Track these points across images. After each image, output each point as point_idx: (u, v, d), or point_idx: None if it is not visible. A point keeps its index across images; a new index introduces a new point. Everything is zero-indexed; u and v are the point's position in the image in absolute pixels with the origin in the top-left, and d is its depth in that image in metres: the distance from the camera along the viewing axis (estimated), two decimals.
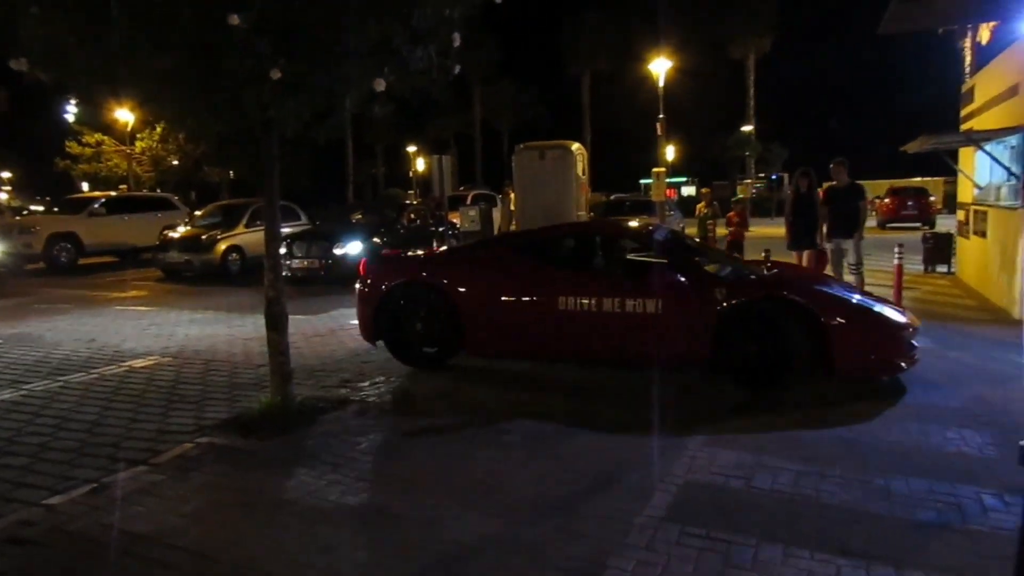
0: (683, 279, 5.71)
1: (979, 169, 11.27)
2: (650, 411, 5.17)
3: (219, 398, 5.69)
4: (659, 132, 18.69)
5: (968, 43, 31.96)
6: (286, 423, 4.87)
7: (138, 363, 6.94)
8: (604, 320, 5.76)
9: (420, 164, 45.70)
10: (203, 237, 14.55)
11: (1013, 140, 9.19)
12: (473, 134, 49.93)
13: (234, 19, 3.74)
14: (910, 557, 3.14)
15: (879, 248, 15.76)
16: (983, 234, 10.57)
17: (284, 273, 11.43)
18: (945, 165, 12.14)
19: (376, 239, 12.51)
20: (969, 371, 6.18)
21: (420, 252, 7.94)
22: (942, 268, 13.04)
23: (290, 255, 12.31)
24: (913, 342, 5.59)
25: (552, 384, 5.99)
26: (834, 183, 9.24)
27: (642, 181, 53.57)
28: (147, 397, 5.73)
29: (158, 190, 27.81)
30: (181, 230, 15.52)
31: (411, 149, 43.78)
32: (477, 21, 5.22)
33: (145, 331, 8.70)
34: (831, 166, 9.24)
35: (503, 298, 6.09)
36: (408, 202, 19.13)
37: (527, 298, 6.04)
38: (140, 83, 4.46)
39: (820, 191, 9.60)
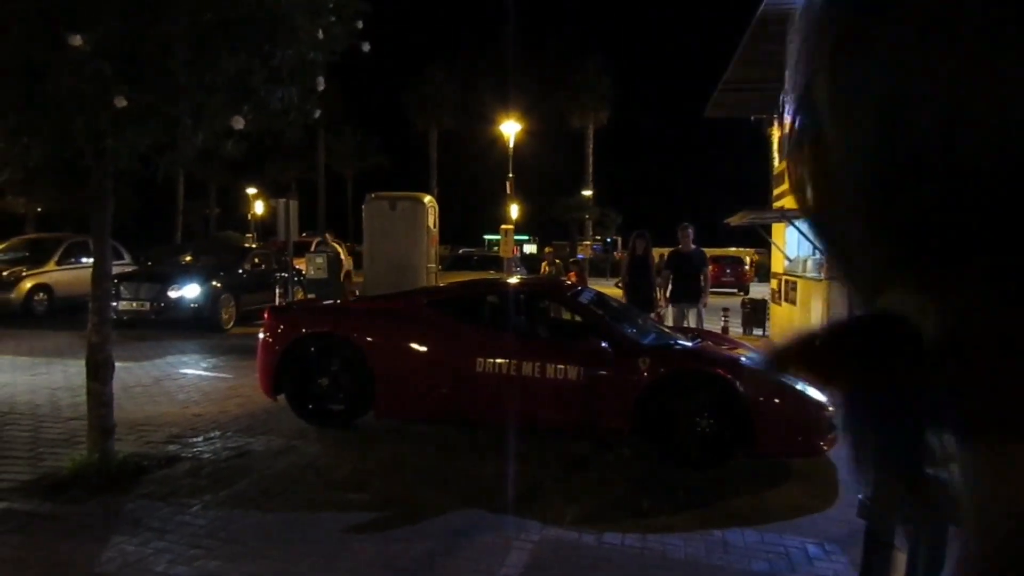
0: (606, 345, 5.45)
1: (789, 243, 12.62)
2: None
3: (19, 456, 4.99)
4: (508, 191, 19.25)
5: (775, 131, 36.27)
6: (104, 484, 4.35)
7: None
8: (523, 385, 5.50)
9: (259, 207, 43.88)
10: (4, 273, 12.95)
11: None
12: (316, 179, 48.81)
13: (76, 40, 3.42)
14: None
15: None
16: (793, 301, 11.77)
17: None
18: (757, 237, 13.44)
19: (216, 282, 11.75)
20: None
21: (329, 302, 7.52)
22: (758, 331, 14.30)
23: (117, 296, 11.24)
24: (833, 422, 5.23)
25: (415, 440, 5.82)
26: (679, 248, 9.55)
27: (486, 236, 54.81)
28: None
29: None
30: None
31: (251, 191, 41.95)
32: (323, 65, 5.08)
33: None
34: (678, 231, 9.52)
35: (416, 356, 5.77)
36: (249, 245, 18.21)
37: (441, 357, 5.73)
38: None
39: (655, 255, 10.03)
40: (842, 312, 9.06)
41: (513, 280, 8.98)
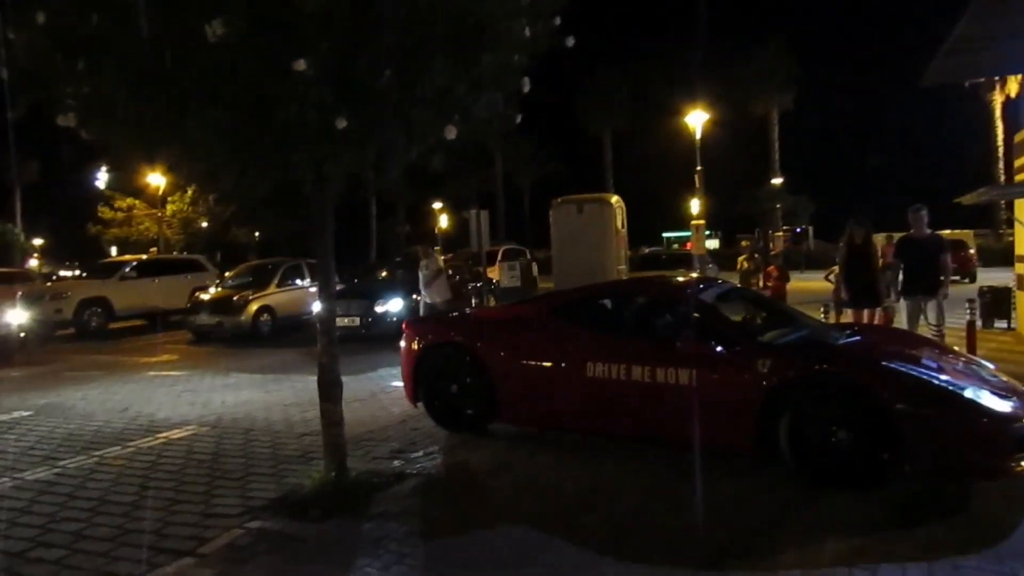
0: (716, 346, 4.99)
1: None
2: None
3: (264, 473, 5.27)
4: (696, 184, 18.44)
5: (998, 95, 31.85)
6: (340, 503, 4.43)
7: (175, 434, 6.55)
8: (631, 393, 5.20)
9: (444, 221, 45.95)
10: (234, 298, 14.34)
11: None
12: (495, 191, 50.23)
13: (300, 64, 3.47)
14: None
15: None
16: None
17: None
18: (977, 217, 11.64)
19: (417, 296, 12.25)
20: None
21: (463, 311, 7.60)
22: (1000, 323, 12.43)
23: None
24: None
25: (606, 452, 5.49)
26: (911, 233, 8.45)
27: (664, 234, 53.48)
28: (187, 473, 5.32)
29: (185, 252, 27.89)
30: (212, 292, 15.34)
31: (436, 206, 44.04)
32: None
33: (179, 398, 8.34)
34: (909, 214, 8.40)
35: (530, 362, 5.75)
36: (442, 258, 18.95)
37: (554, 363, 5.64)
38: (188, 140, 4.20)
39: (881, 243, 8.98)
40: None
41: (638, 281, 8.43)
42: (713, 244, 42.49)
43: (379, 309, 12.05)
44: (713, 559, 3.66)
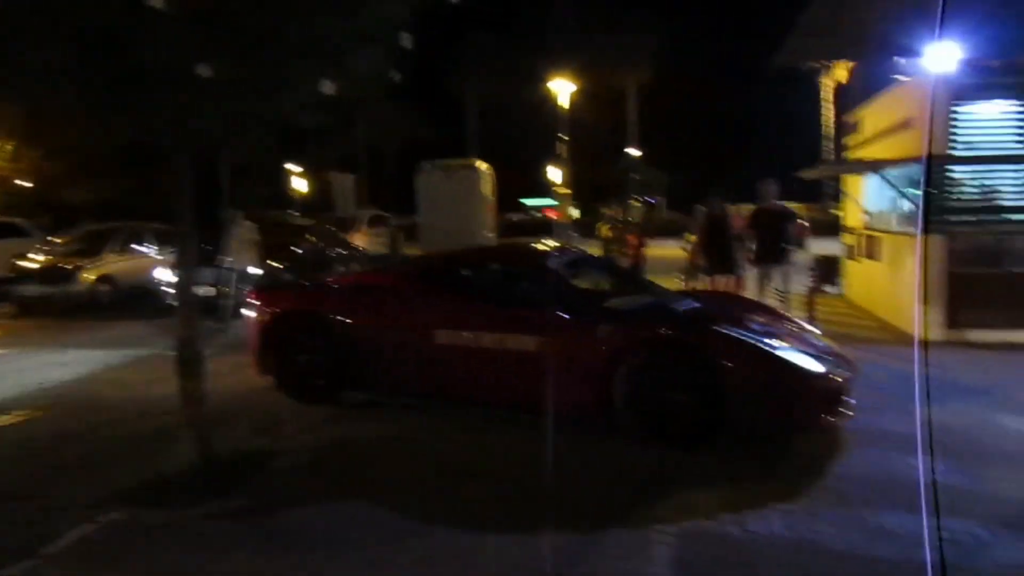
0: (561, 313, 5.11)
1: (866, 196, 11.89)
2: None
3: (115, 459, 4.80)
4: (560, 154, 18.69)
5: (828, 81, 34.70)
6: (207, 485, 4.12)
7: (4, 420, 5.82)
8: (485, 359, 5.28)
9: (302, 184, 43.94)
10: (68, 266, 12.97)
11: (895, 171, 9.67)
12: (356, 154, 48.62)
13: (156, 0, 3.06)
14: None
15: None
16: (875, 257, 11.09)
17: (171, 302, 10.43)
18: (807, 192, 12.67)
19: (275, 263, 11.60)
20: (901, 392, 6.12)
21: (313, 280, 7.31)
22: (831, 289, 13.63)
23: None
24: (842, 394, 4.88)
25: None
26: (761, 205, 8.98)
27: (526, 202, 54.17)
28: (21, 464, 4.74)
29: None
30: (39, 259, 13.77)
31: (294, 169, 41.97)
32: None
33: (5, 379, 7.42)
34: (759, 187, 8.95)
35: (382, 330, 5.69)
36: (304, 224, 18.10)
37: (406, 330, 5.61)
38: (11, 83, 3.66)
39: (737, 214, 9.53)
40: (941, 269, 8.49)
41: (490, 248, 8.58)
42: (574, 213, 43.63)
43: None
44: (570, 520, 3.74)
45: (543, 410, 4.86)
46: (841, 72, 31.69)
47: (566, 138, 18.89)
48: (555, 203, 25.16)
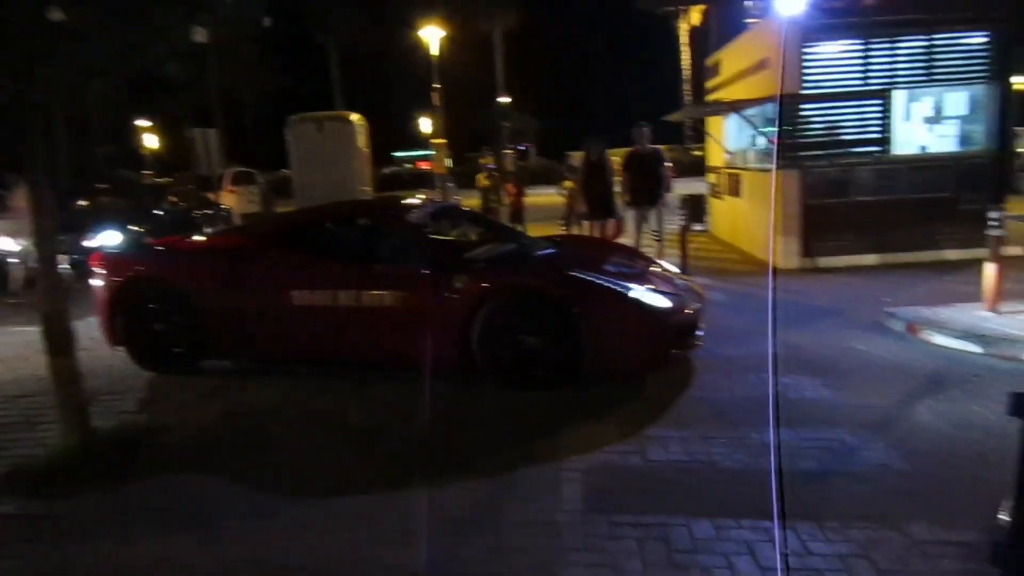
0: (419, 267, 5.10)
1: (727, 136, 12.54)
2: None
3: None
4: (435, 102, 18.34)
5: (685, 25, 35.95)
6: (90, 469, 3.86)
7: None
8: (344, 317, 5.23)
9: (153, 141, 40.75)
10: None
11: (752, 111, 10.26)
12: (212, 107, 45.47)
13: None
14: (819, 510, 3.22)
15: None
16: (736, 194, 11.78)
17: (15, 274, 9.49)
18: (670, 134, 13.22)
19: (135, 226, 10.77)
20: (766, 318, 6.47)
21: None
22: (698, 226, 14.38)
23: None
24: (694, 327, 5.17)
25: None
26: (636, 148, 9.24)
27: (395, 154, 53.01)
28: None
29: None
30: None
31: (145, 124, 38.67)
32: None
33: None
34: (633, 132, 9.20)
35: (239, 293, 5.45)
36: (155, 183, 16.85)
37: (263, 293, 5.42)
38: None
39: (616, 158, 9.71)
40: (795, 202, 9.15)
41: (347, 203, 8.42)
42: (448, 163, 43.18)
43: (89, 244, 10.42)
44: (472, 469, 3.84)
45: (412, 366, 4.95)
46: (696, 16, 32.98)
47: (438, 86, 18.51)
48: (430, 154, 24.85)
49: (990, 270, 6.05)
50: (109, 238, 10.47)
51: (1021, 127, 25.27)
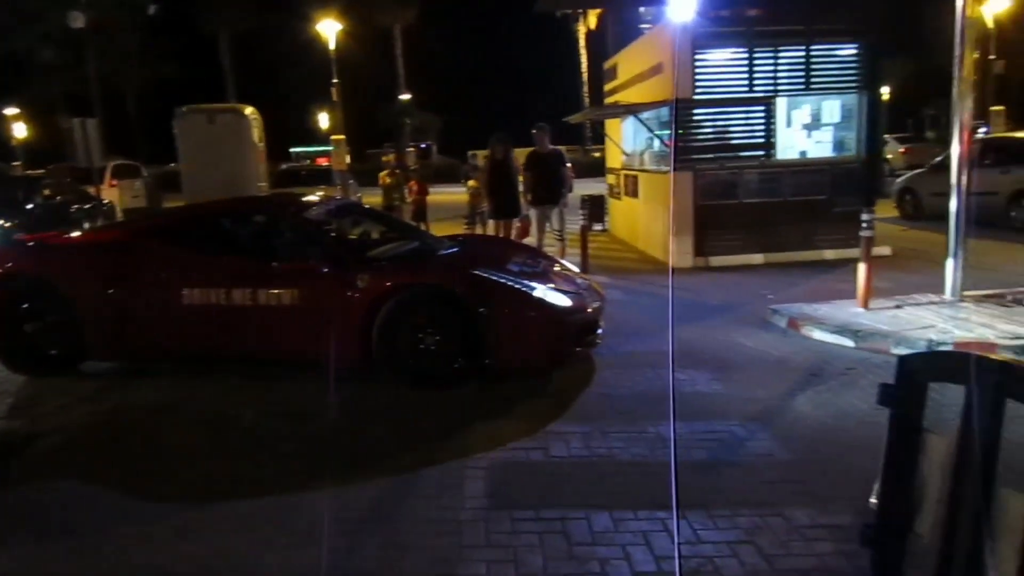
0: (318, 265, 5.05)
1: (625, 138, 12.90)
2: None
3: None
4: (334, 97, 17.89)
5: (583, 28, 36.67)
6: None
7: None
8: (239, 315, 5.09)
9: (22, 130, 37.89)
10: None
11: (648, 114, 10.62)
12: (91, 96, 42.65)
13: None
14: (710, 499, 3.37)
15: None
16: (634, 195, 12.15)
17: None
18: (571, 135, 13.53)
19: (3, 221, 9.99)
20: (662, 316, 6.85)
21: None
22: (598, 226, 14.71)
23: None
24: (596, 325, 5.30)
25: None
26: (536, 149, 9.31)
27: (292, 150, 51.45)
28: None
29: None
30: None
31: (12, 112, 35.79)
32: None
33: None
34: (534, 132, 9.28)
35: (123, 292, 5.20)
36: (25, 175, 15.66)
37: (150, 292, 5.22)
38: None
39: (519, 158, 9.75)
40: (689, 203, 9.53)
41: (244, 200, 8.22)
42: (347, 159, 42.28)
43: None
44: (375, 468, 3.82)
45: (313, 364, 4.84)
46: (593, 19, 33.73)
47: (336, 81, 18.08)
48: (329, 150, 24.26)
49: (862, 269, 6.50)
50: None
51: (890, 134, 27.30)
